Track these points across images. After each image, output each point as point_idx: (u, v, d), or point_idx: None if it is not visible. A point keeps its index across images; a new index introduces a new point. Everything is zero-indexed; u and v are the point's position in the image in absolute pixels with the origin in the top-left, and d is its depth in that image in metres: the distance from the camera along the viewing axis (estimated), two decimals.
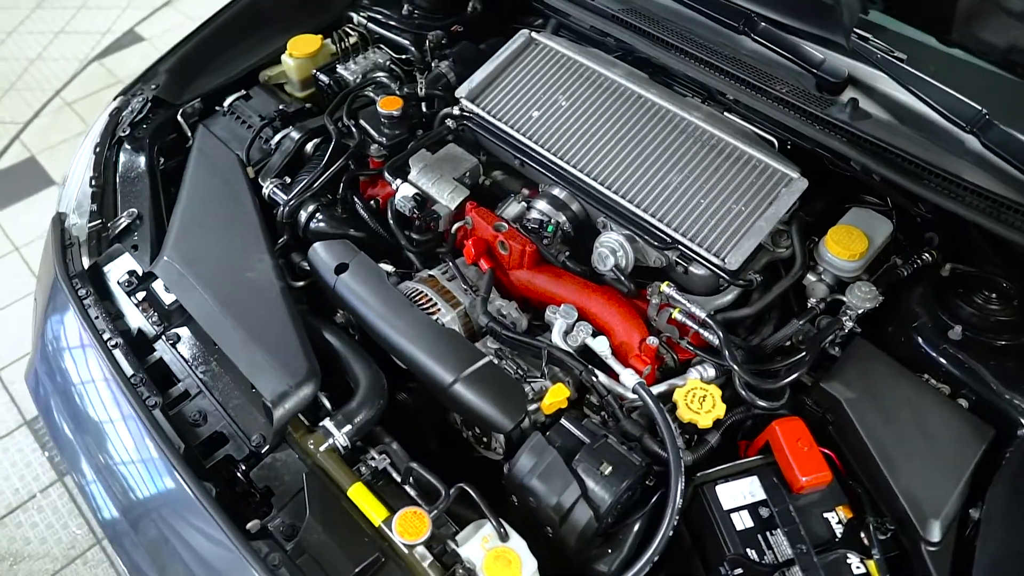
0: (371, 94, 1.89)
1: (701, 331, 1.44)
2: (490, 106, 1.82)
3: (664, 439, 1.28)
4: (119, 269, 1.70)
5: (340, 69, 2.03)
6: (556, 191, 1.70)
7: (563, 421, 1.37)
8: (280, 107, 1.93)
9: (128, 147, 1.90)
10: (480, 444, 1.50)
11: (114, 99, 1.98)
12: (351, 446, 1.37)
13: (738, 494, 1.29)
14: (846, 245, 1.49)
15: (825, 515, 1.26)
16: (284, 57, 2.07)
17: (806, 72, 1.57)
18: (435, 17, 2.13)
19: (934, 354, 1.38)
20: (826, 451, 1.31)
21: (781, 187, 1.54)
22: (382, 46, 2.09)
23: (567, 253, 1.62)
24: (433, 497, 1.34)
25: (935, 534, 1.20)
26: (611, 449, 1.31)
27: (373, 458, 1.38)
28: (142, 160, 1.88)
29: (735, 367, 1.37)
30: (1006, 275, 1.45)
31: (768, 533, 1.25)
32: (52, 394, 1.69)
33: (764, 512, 1.27)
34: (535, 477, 1.29)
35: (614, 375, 1.42)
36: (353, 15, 2.15)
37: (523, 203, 1.69)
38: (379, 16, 2.13)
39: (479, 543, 1.26)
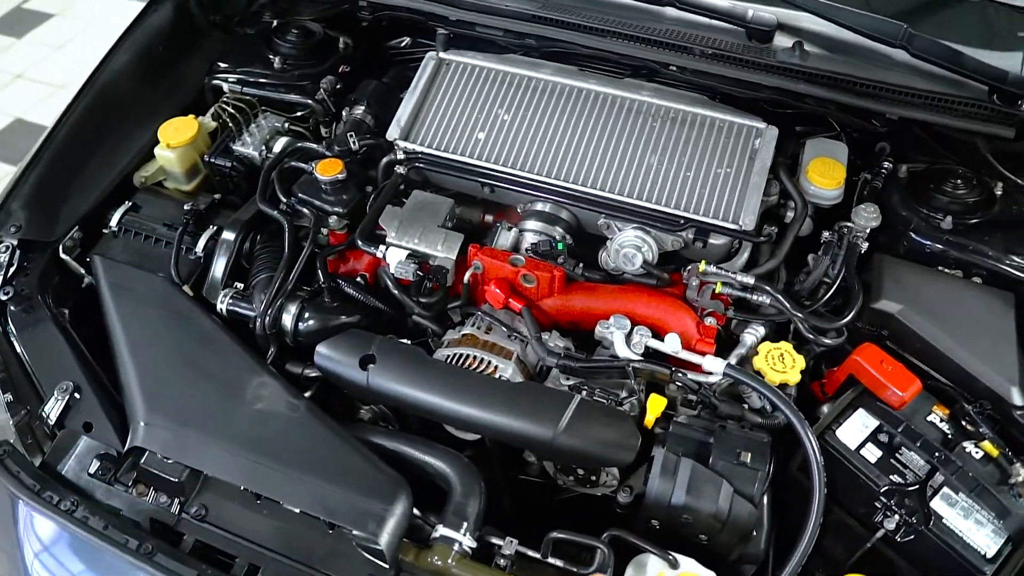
0: (299, 163, 1.67)
1: (750, 296, 1.47)
2: (429, 140, 1.70)
3: (778, 408, 1.30)
4: (83, 459, 1.36)
5: (237, 147, 1.77)
6: (540, 207, 1.63)
7: (673, 429, 1.34)
8: (188, 207, 1.65)
9: (14, 309, 1.52)
10: (586, 484, 1.42)
11: None
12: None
13: (855, 431, 1.35)
14: (829, 175, 1.59)
15: (928, 419, 1.36)
16: (158, 150, 1.76)
17: (736, 27, 1.64)
18: (310, 64, 1.93)
19: (939, 247, 1.53)
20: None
21: (755, 139, 1.61)
22: (268, 109, 1.85)
23: (581, 264, 1.57)
24: (580, 558, 1.26)
25: (1019, 399, 1.34)
26: (734, 436, 1.31)
27: (503, 547, 1.26)
28: (43, 320, 1.52)
29: (798, 315, 1.42)
30: (955, 162, 1.64)
31: (897, 455, 1.32)
32: None
33: (883, 438, 1.33)
34: (683, 493, 1.25)
35: (690, 366, 1.41)
36: (221, 84, 1.88)
37: (513, 230, 1.60)
38: (250, 78, 1.89)
39: None
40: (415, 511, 1.27)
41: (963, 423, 1.34)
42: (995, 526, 1.23)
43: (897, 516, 1.25)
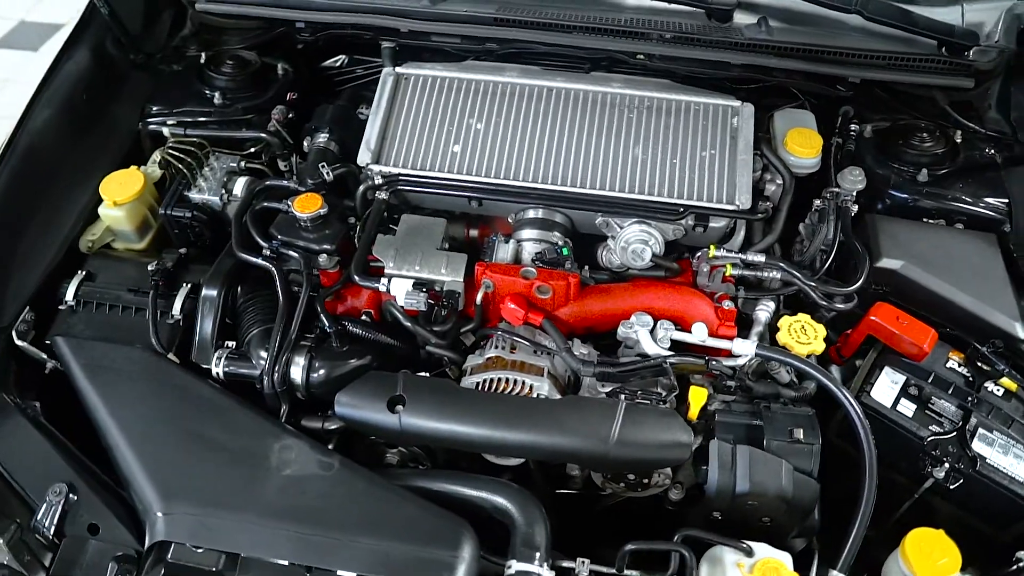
0: (271, 204, 1.55)
1: (761, 273, 1.48)
2: (402, 160, 1.62)
3: (818, 380, 1.31)
4: (97, 566, 1.21)
5: (194, 195, 1.62)
6: (532, 214, 1.59)
7: (719, 418, 1.33)
8: (152, 267, 1.50)
9: None
10: (637, 488, 1.39)
11: None
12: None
13: (886, 390, 1.39)
14: (807, 144, 1.62)
15: (948, 366, 1.41)
16: (103, 210, 1.60)
17: (697, 7, 1.64)
18: (252, 95, 1.80)
19: (919, 199, 1.60)
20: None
21: (732, 118, 1.62)
22: (217, 150, 1.71)
23: (587, 268, 1.54)
24: (651, 565, 1.24)
25: (1022, 331, 1.42)
26: (781, 415, 1.32)
27: (577, 570, 1.21)
28: (11, 419, 1.34)
29: (810, 285, 1.44)
30: (915, 116, 1.71)
31: (929, 406, 1.36)
32: None
33: (913, 391, 1.38)
34: (746, 480, 1.24)
35: (719, 352, 1.40)
36: (160, 129, 1.72)
37: (511, 242, 1.55)
38: (190, 118, 1.74)
39: (738, 572, 1.20)
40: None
41: (979, 364, 1.40)
42: None
43: (947, 464, 1.29)
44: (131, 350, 1.41)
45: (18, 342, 1.42)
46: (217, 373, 1.39)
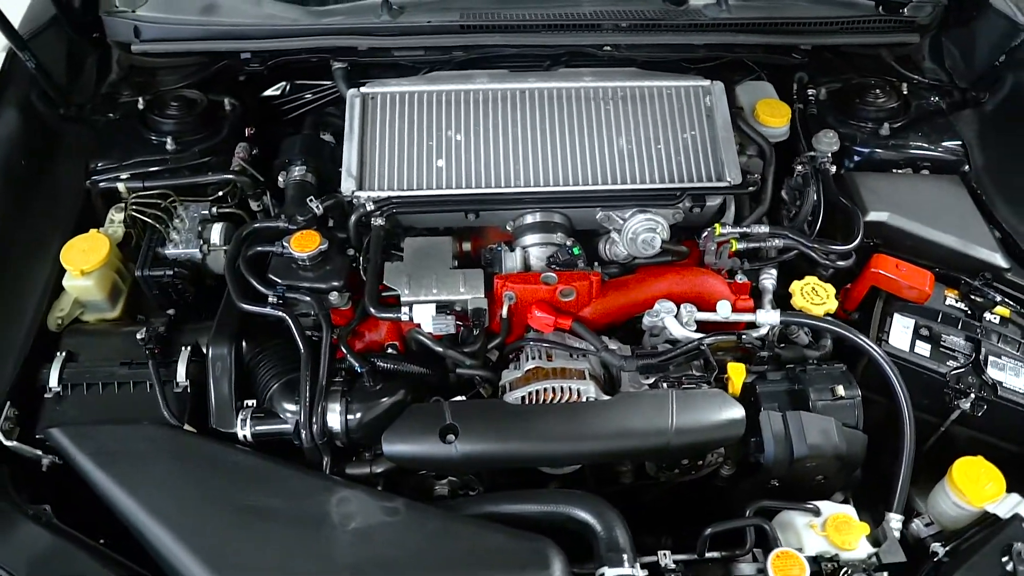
0: (263, 248, 1.45)
1: (764, 243, 1.53)
2: (387, 183, 1.56)
3: (846, 336, 1.37)
4: None
5: (169, 250, 1.50)
6: (530, 218, 1.57)
7: (759, 388, 1.36)
8: (142, 335, 1.37)
9: None
10: (691, 471, 1.41)
11: None
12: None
13: (901, 335, 1.46)
14: (777, 114, 1.69)
15: (947, 304, 1.51)
16: (69, 282, 1.45)
17: None
18: (204, 136, 1.68)
19: (885, 152, 1.69)
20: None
21: (707, 97, 1.66)
22: (182, 199, 1.59)
23: (596, 263, 1.53)
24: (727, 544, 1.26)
25: (1004, 262, 1.53)
26: (818, 374, 1.37)
27: (663, 562, 1.22)
28: (22, 529, 1.20)
29: (815, 247, 1.50)
30: (863, 75, 1.81)
31: (942, 343, 1.45)
32: None
33: (924, 332, 1.46)
34: (803, 444, 1.27)
35: (742, 325, 1.44)
36: (117, 186, 1.57)
37: (517, 250, 1.52)
38: (144, 169, 1.60)
39: (812, 532, 1.23)
40: None
41: (973, 297, 1.51)
42: None
43: (972, 394, 1.38)
44: (142, 428, 1.29)
45: (6, 442, 1.28)
46: (244, 436, 1.30)
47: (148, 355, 1.36)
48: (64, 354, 1.38)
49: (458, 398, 1.35)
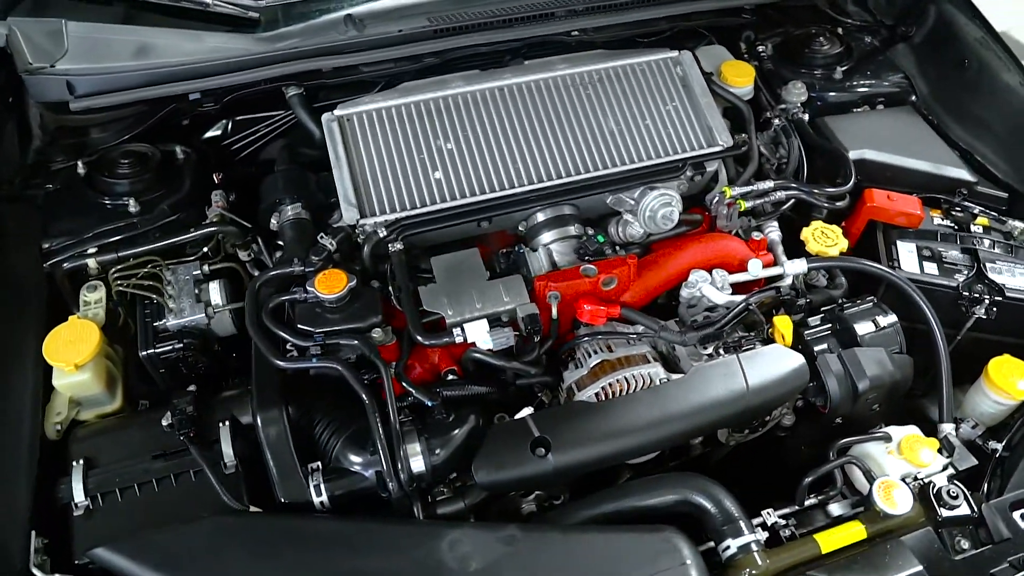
0: (282, 297, 1.33)
1: (769, 198, 1.58)
2: (387, 205, 1.48)
3: (872, 271, 1.45)
4: None
5: (171, 321, 1.35)
6: (541, 216, 1.53)
7: (807, 335, 1.41)
8: (171, 419, 1.23)
9: None
10: (760, 428, 1.44)
11: None
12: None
13: (908, 260, 1.55)
14: (742, 74, 1.75)
15: (936, 223, 1.62)
16: (60, 381, 1.28)
17: None
18: (167, 191, 1.52)
19: (841, 94, 1.79)
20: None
21: (679, 68, 1.69)
22: (165, 264, 1.43)
23: (615, 246, 1.53)
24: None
25: (970, 176, 1.67)
26: (855, 312, 1.43)
27: (769, 521, 1.24)
28: None
29: (813, 194, 1.57)
30: (804, 24, 1.90)
31: (944, 260, 1.56)
32: None
33: (927, 253, 1.56)
34: (863, 379, 1.33)
35: (772, 280, 1.49)
36: (86, 263, 1.39)
37: (540, 249, 1.49)
38: (111, 238, 1.43)
39: (891, 457, 1.30)
40: None
41: (955, 213, 1.63)
42: None
43: (986, 300, 1.49)
44: (205, 523, 1.15)
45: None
46: (321, 503, 1.19)
47: (185, 441, 1.22)
48: (81, 463, 1.21)
49: (527, 410, 1.30)
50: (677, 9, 1.70)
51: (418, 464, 1.20)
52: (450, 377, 1.32)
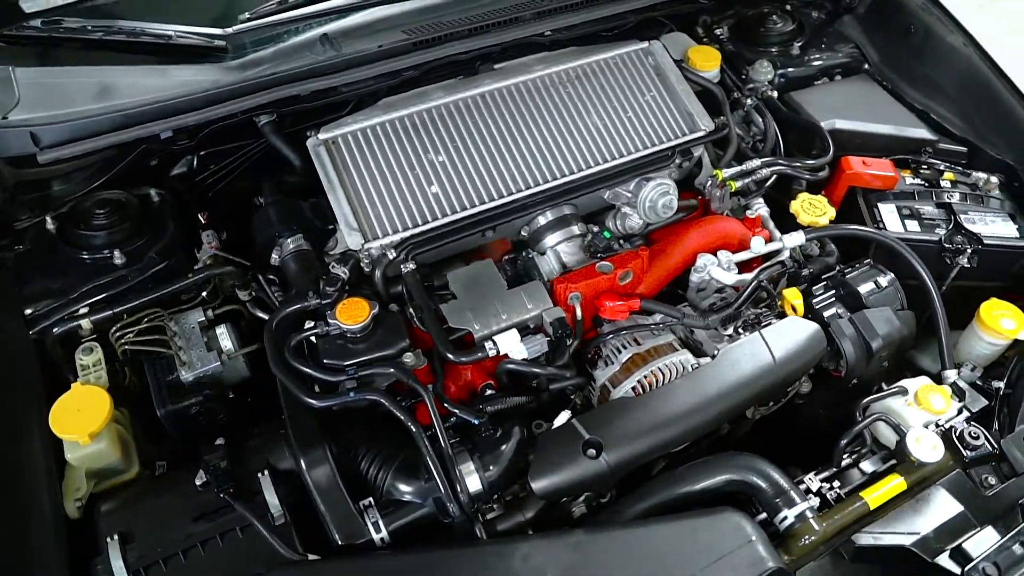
0: (304, 334, 1.28)
1: (756, 176, 1.62)
2: (389, 225, 1.44)
3: (864, 234, 1.51)
4: None
5: (185, 374, 1.27)
6: (542, 220, 1.53)
7: (816, 303, 1.46)
8: (201, 482, 1.17)
9: None
10: (782, 398, 1.49)
11: None
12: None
13: (892, 221, 1.63)
14: (709, 59, 1.78)
15: (908, 183, 1.70)
16: (76, 453, 1.19)
17: None
18: (151, 237, 1.44)
19: (800, 69, 1.86)
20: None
21: (651, 58, 1.71)
22: (165, 317, 1.35)
23: (619, 240, 1.54)
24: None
25: (930, 135, 1.77)
26: (858, 274, 1.50)
27: (813, 485, 1.28)
28: None
29: (796, 168, 1.63)
30: (755, 4, 1.96)
31: (922, 217, 1.64)
32: None
33: (906, 211, 1.65)
34: (876, 338, 1.40)
35: (772, 255, 1.53)
36: (78, 324, 1.29)
37: (548, 253, 1.49)
38: (101, 294, 1.34)
39: (911, 408, 1.35)
40: None
41: (923, 171, 1.72)
42: (1001, 218, 1.65)
43: (968, 250, 1.58)
44: None
45: None
46: (381, 539, 1.16)
47: (226, 498, 1.15)
48: (115, 539, 1.13)
49: (565, 413, 1.30)
50: (642, 1, 1.72)
51: (475, 484, 1.18)
52: (488, 392, 1.30)
